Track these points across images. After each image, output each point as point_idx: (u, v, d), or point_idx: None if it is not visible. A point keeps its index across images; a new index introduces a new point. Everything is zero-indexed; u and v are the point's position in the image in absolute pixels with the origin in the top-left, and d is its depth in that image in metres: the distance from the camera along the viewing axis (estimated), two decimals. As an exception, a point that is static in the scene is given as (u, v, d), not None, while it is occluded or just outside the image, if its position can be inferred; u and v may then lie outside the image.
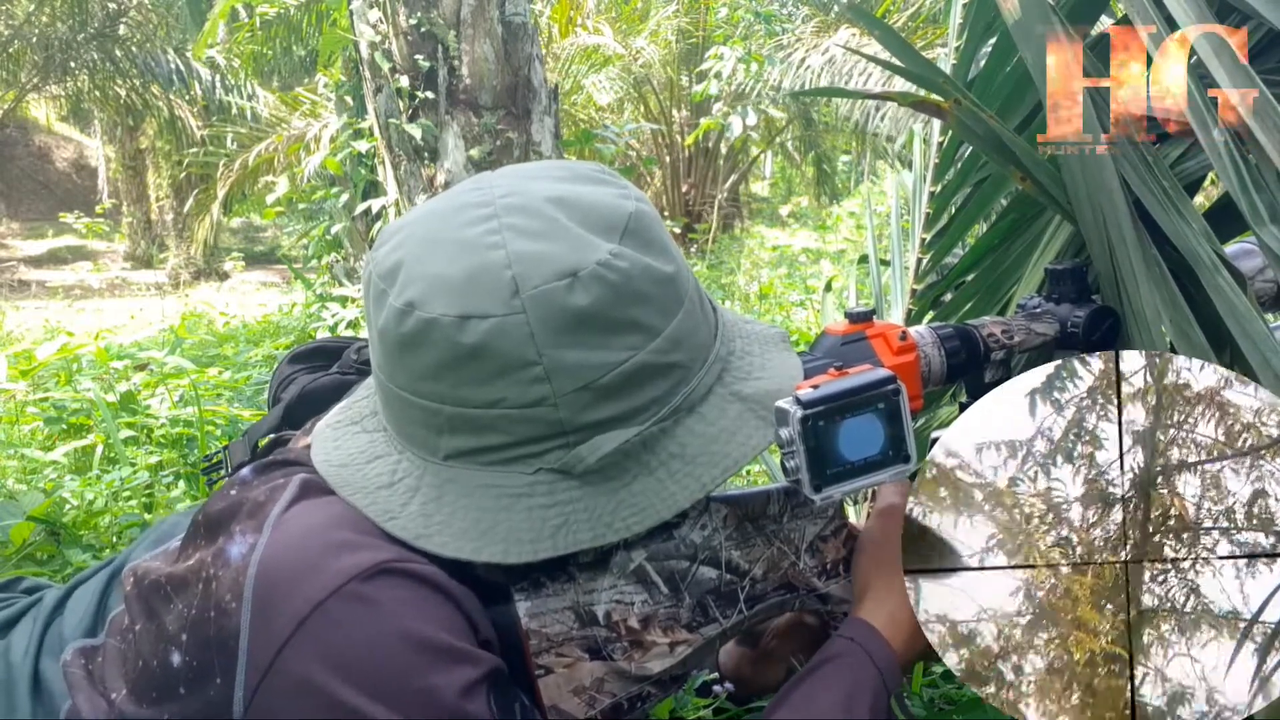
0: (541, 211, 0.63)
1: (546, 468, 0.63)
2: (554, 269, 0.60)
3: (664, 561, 0.71)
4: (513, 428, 0.62)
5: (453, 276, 0.61)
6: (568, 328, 0.60)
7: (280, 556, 0.62)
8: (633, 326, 0.62)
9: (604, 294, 0.61)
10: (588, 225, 0.63)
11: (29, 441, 2.44)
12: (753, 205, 14.29)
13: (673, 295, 0.65)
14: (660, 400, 0.64)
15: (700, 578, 0.71)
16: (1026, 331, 0.79)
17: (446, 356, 0.61)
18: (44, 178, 14.73)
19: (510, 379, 0.60)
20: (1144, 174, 0.85)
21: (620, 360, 0.61)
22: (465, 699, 0.60)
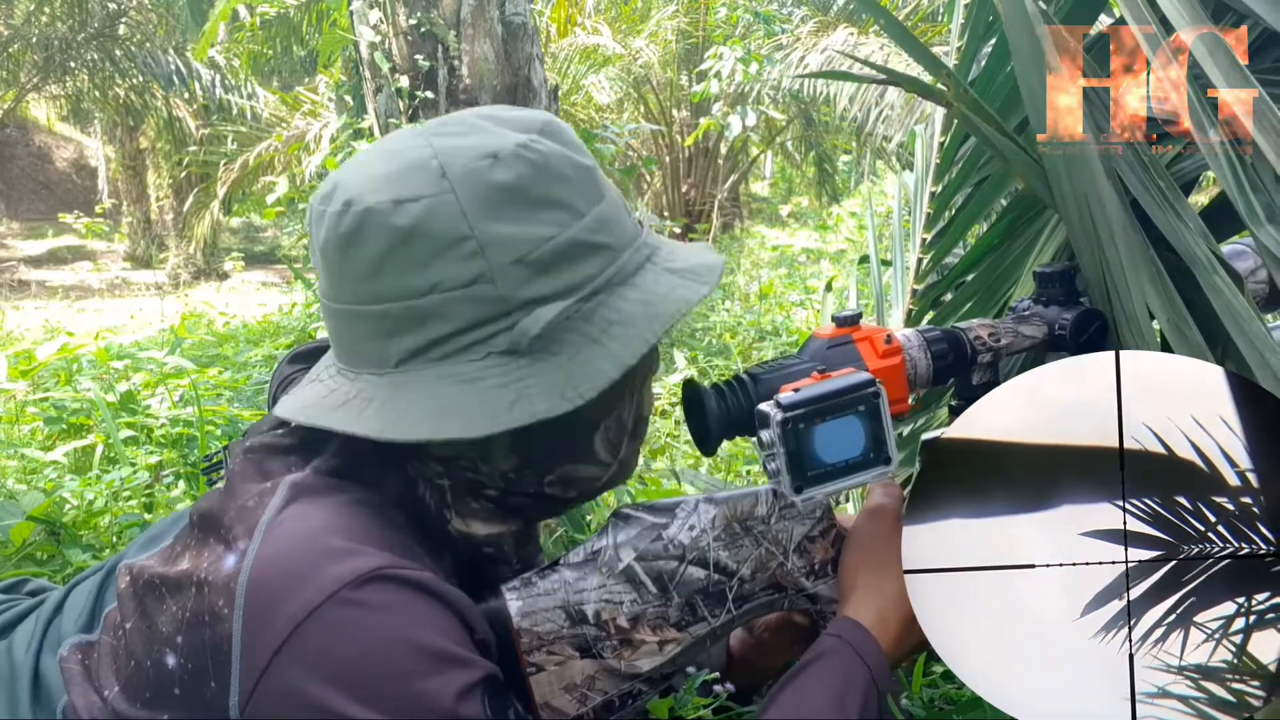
0: (464, 119, 0.70)
1: (495, 351, 0.65)
2: (476, 152, 0.65)
3: (652, 562, 0.72)
4: (455, 311, 0.64)
5: (385, 172, 0.66)
6: (495, 202, 0.64)
7: (273, 563, 0.63)
8: (557, 204, 0.66)
9: (526, 171, 0.65)
10: (503, 124, 0.68)
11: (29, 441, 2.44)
12: (753, 205, 14.29)
13: (593, 184, 0.69)
14: (594, 277, 0.67)
15: (688, 578, 0.72)
16: (1014, 334, 0.79)
17: (384, 244, 0.64)
18: (44, 178, 14.73)
19: (446, 258, 0.63)
20: (1141, 174, 0.85)
21: (549, 235, 0.65)
22: (460, 703, 0.60)
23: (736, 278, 6.08)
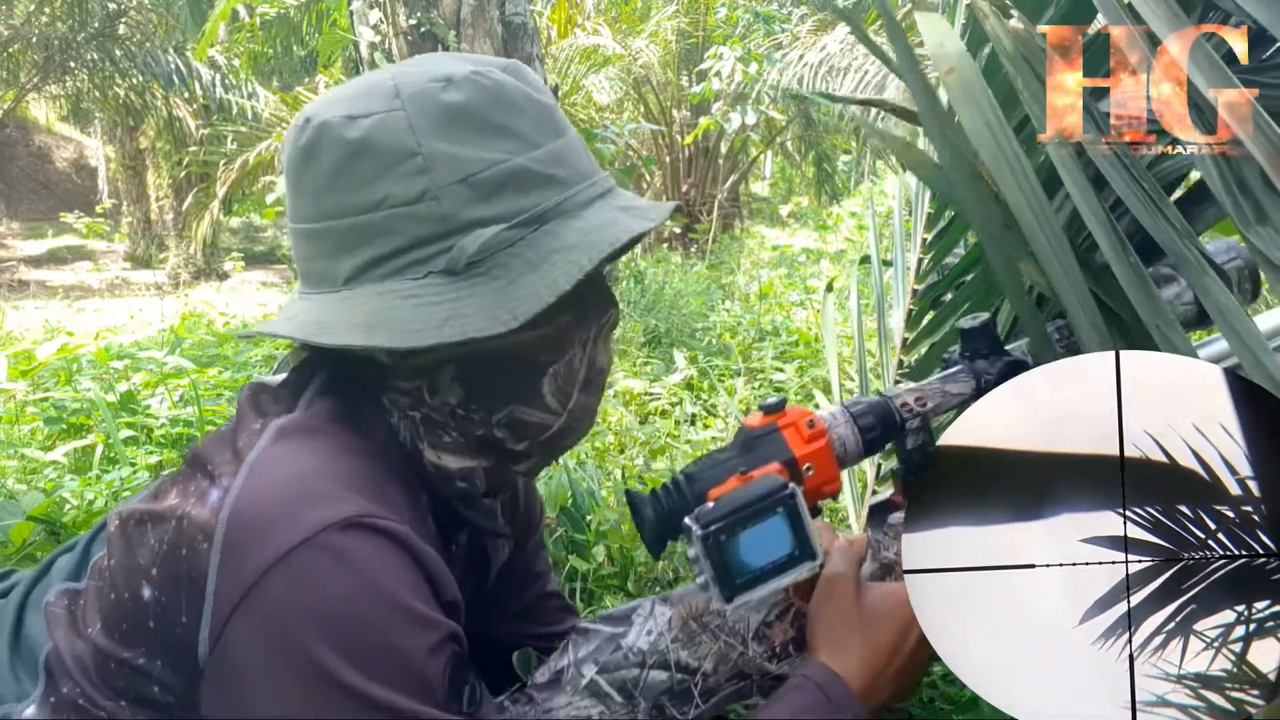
0: (435, 56, 0.73)
1: (435, 271, 0.65)
2: (431, 75, 0.67)
3: (614, 673, 0.74)
4: (400, 227, 0.65)
5: (345, 94, 0.69)
6: (444, 121, 0.65)
7: (253, 501, 0.63)
8: (508, 131, 0.67)
9: (478, 95, 0.66)
10: (469, 60, 0.70)
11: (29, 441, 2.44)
12: (753, 205, 14.29)
13: (550, 121, 0.70)
14: (540, 206, 0.67)
15: (652, 681, 0.74)
16: (941, 395, 0.80)
17: (336, 157, 0.66)
18: (44, 178, 14.73)
19: (393, 173, 0.65)
20: (1124, 176, 0.85)
21: (497, 159, 0.66)
22: (428, 661, 0.61)
23: (736, 278, 6.08)
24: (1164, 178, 0.90)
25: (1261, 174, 0.77)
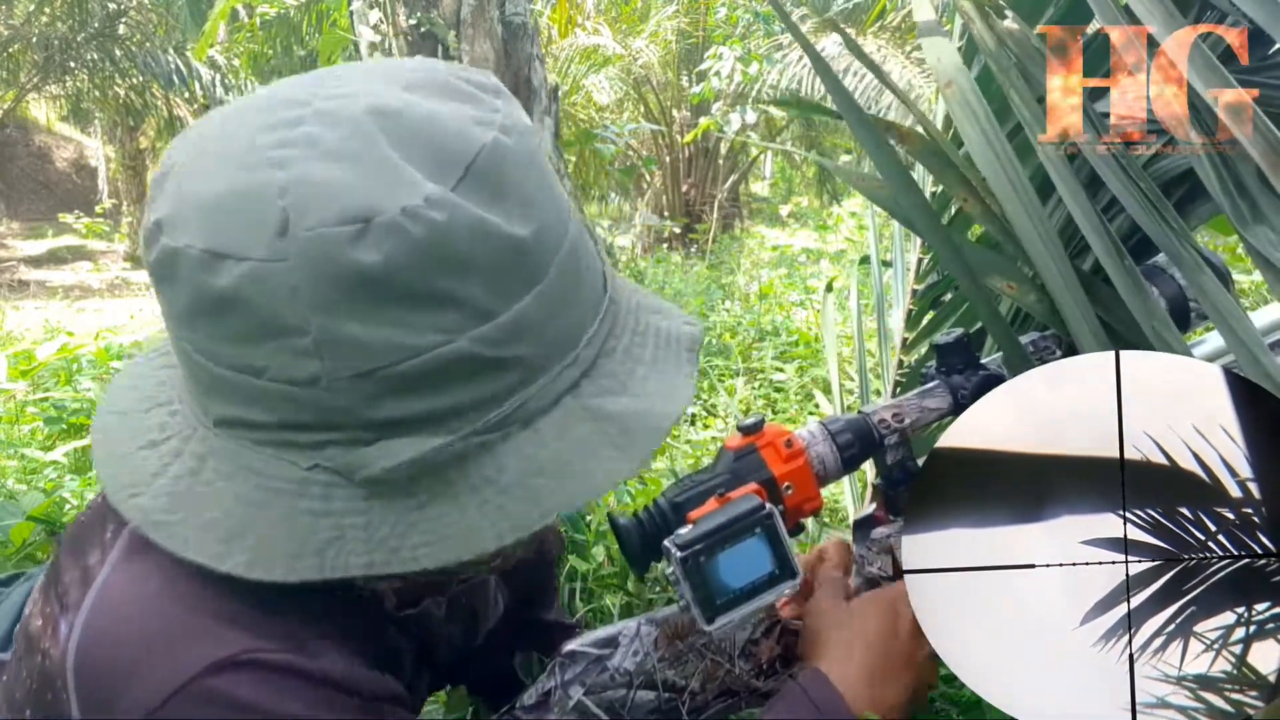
0: (358, 125, 0.47)
1: (325, 465, 0.49)
2: (341, 208, 0.45)
3: (601, 694, 0.74)
4: (279, 406, 0.48)
5: (212, 196, 0.47)
6: (347, 291, 0.45)
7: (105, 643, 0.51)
8: (446, 302, 0.47)
9: (403, 252, 0.45)
10: (413, 154, 0.46)
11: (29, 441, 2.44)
12: (753, 205, 14.30)
13: (521, 268, 0.49)
14: (486, 403, 0.49)
15: (639, 701, 0.74)
16: (919, 410, 0.80)
17: (196, 300, 0.47)
18: (44, 178, 14.73)
19: (273, 345, 0.47)
20: (1121, 176, 0.85)
21: (424, 346, 0.46)
22: None
23: (736, 278, 6.08)
24: (1160, 178, 0.90)
25: (1259, 173, 0.77)
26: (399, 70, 0.51)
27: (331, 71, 0.53)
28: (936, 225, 0.91)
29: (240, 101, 0.53)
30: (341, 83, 0.50)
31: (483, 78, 0.53)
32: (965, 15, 0.95)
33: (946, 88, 0.92)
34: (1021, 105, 0.90)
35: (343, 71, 0.52)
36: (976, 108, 0.91)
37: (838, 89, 0.92)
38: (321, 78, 0.52)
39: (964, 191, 0.93)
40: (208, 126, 0.52)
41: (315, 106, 0.48)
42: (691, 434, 2.67)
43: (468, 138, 0.48)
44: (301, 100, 0.49)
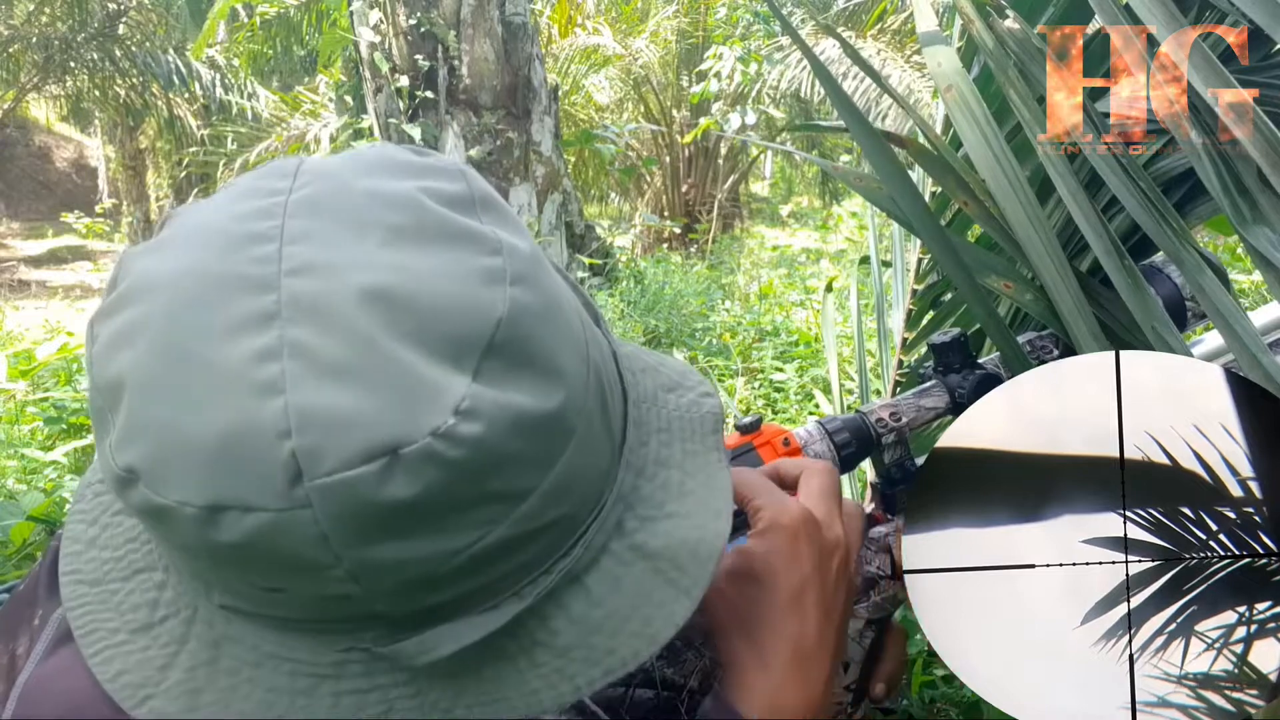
0: (352, 324, 0.39)
1: (359, 646, 0.44)
2: (360, 444, 0.38)
3: (600, 691, 0.74)
4: (306, 611, 0.43)
5: (198, 440, 0.39)
6: (381, 525, 0.40)
7: None
8: (490, 500, 0.42)
9: (441, 479, 0.39)
10: (424, 347, 0.39)
11: (29, 441, 2.44)
12: (753, 205, 14.30)
13: (557, 434, 0.44)
14: (528, 567, 0.45)
15: (638, 699, 0.74)
16: (916, 409, 0.80)
17: (196, 546, 0.41)
18: (44, 178, 14.74)
19: (296, 576, 0.41)
20: (1121, 175, 0.85)
21: (468, 544, 0.42)
22: None
23: (736, 278, 6.08)
24: (1160, 178, 0.90)
25: (1259, 173, 0.77)
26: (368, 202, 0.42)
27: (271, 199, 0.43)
28: (934, 226, 0.91)
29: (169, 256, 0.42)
30: (301, 236, 0.41)
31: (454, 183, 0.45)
32: (965, 15, 0.95)
33: (947, 92, 0.92)
34: (1021, 105, 0.90)
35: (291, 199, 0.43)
36: (976, 110, 0.91)
37: (837, 93, 0.92)
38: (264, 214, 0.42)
39: (963, 194, 0.93)
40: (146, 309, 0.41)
41: (286, 291, 0.39)
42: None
43: (482, 308, 0.41)
44: (263, 280, 0.40)
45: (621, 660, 0.47)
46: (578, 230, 5.93)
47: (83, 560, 0.50)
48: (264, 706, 0.44)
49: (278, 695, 0.44)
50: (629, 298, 4.84)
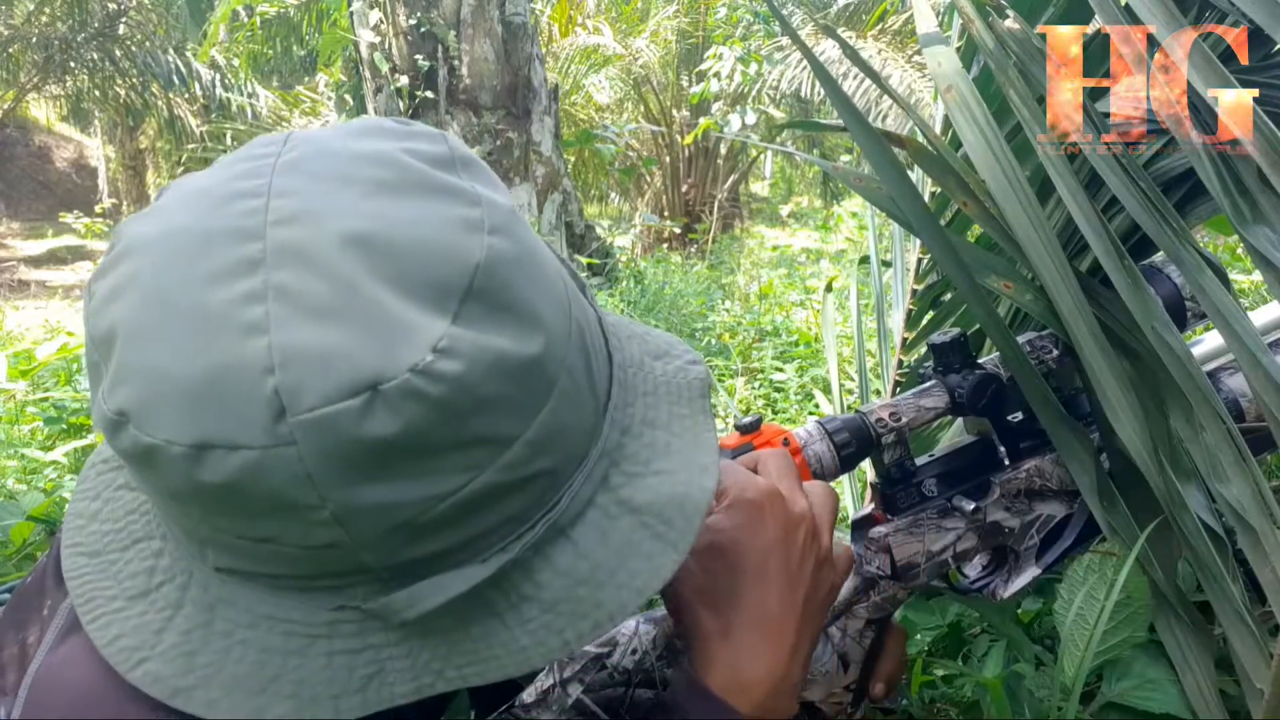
0: (334, 265, 0.40)
1: (350, 605, 0.45)
2: (341, 379, 0.38)
3: (600, 691, 0.73)
4: (296, 564, 0.44)
5: (184, 379, 0.39)
6: (365, 464, 0.40)
7: None
8: (472, 444, 0.42)
9: (421, 415, 0.40)
10: (405, 288, 0.40)
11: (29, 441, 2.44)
12: (753, 205, 14.31)
13: (538, 382, 0.44)
14: (514, 520, 0.45)
15: (638, 699, 0.74)
16: (916, 409, 0.80)
17: (184, 488, 0.41)
18: (44, 178, 14.74)
19: (283, 519, 0.41)
20: (1121, 175, 0.85)
21: (451, 490, 0.42)
22: None
23: (736, 278, 6.08)
24: (1160, 178, 0.90)
25: (1259, 173, 0.77)
26: (352, 160, 0.44)
27: (259, 161, 0.44)
28: (934, 226, 0.91)
29: (162, 217, 0.43)
30: (288, 191, 0.42)
31: (435, 145, 0.46)
32: (965, 16, 0.95)
33: (946, 92, 0.92)
34: (1021, 105, 0.90)
35: (279, 161, 0.44)
36: (976, 111, 0.91)
37: (837, 93, 0.92)
38: (252, 174, 0.43)
39: (963, 194, 0.93)
40: (138, 264, 0.42)
41: (272, 239, 0.40)
42: (691, 434, 2.67)
43: (460, 254, 0.42)
44: (249, 231, 0.41)
45: (609, 613, 0.47)
46: (578, 230, 5.93)
47: (84, 534, 0.51)
48: (257, 667, 0.45)
49: (270, 655, 0.45)
50: (629, 298, 4.84)
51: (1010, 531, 0.83)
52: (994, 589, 0.85)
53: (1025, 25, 0.94)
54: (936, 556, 0.80)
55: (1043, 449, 0.86)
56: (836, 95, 0.92)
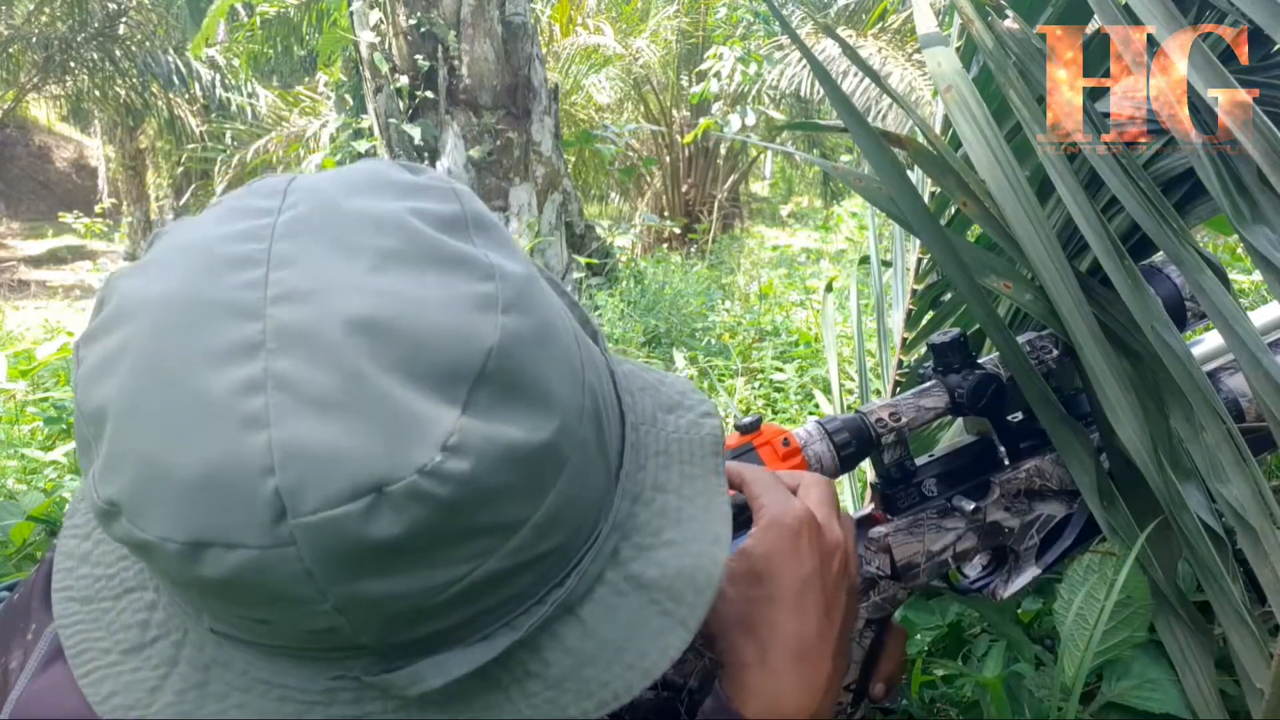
0: (339, 355, 0.38)
1: (350, 675, 0.43)
2: (345, 482, 0.37)
3: None
4: (294, 640, 0.43)
5: (180, 472, 0.38)
6: (367, 562, 0.39)
7: None
8: (478, 535, 0.41)
9: (427, 516, 0.38)
10: (413, 376, 0.38)
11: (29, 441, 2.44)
12: (753, 205, 14.31)
13: (549, 465, 0.42)
14: (520, 598, 0.44)
15: (638, 699, 0.74)
16: (916, 409, 0.80)
17: (181, 578, 0.41)
18: (44, 178, 14.74)
19: (283, 608, 0.40)
20: (1121, 175, 0.85)
21: (457, 578, 0.41)
22: None
23: (736, 278, 6.08)
24: (1160, 178, 0.90)
25: (1259, 173, 0.77)
26: (357, 224, 0.41)
27: (258, 220, 0.41)
28: (934, 226, 0.91)
29: (155, 276, 0.41)
30: (289, 260, 0.40)
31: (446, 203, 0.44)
32: (964, 16, 0.95)
33: (946, 92, 0.92)
34: (1021, 105, 0.90)
35: (279, 220, 0.41)
36: (975, 111, 0.91)
37: (836, 93, 0.92)
38: (251, 236, 0.41)
39: (962, 194, 0.93)
40: (130, 333, 0.40)
41: (272, 319, 0.38)
42: (691, 434, 2.67)
43: (473, 337, 0.39)
44: (248, 308, 0.38)
45: (614, 693, 0.46)
46: (578, 230, 5.93)
47: (74, 576, 0.49)
48: None
49: None
50: (629, 298, 4.84)
51: (1010, 531, 0.83)
52: (994, 589, 0.85)
53: (1025, 25, 0.94)
54: (936, 556, 0.79)
55: (1043, 449, 0.86)
56: (836, 96, 0.92)
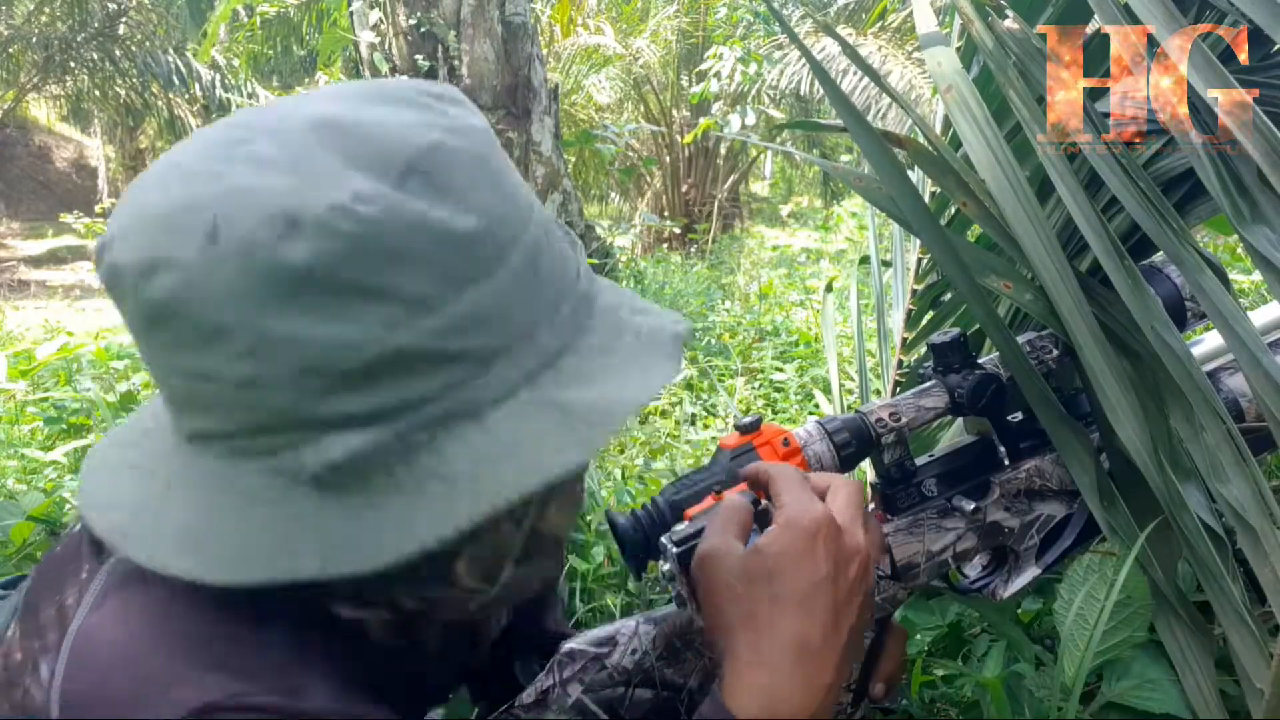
0: (295, 137, 0.47)
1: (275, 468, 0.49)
2: (267, 210, 0.45)
3: (600, 692, 0.73)
4: (231, 411, 0.48)
5: (153, 211, 0.47)
6: (278, 291, 0.45)
7: (83, 696, 0.50)
8: (385, 296, 0.46)
9: (332, 249, 0.44)
10: (350, 157, 0.46)
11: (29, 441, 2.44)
12: (753, 205, 14.31)
13: (470, 261, 0.48)
14: (432, 396, 0.48)
15: (638, 699, 0.74)
16: (915, 409, 0.80)
17: (140, 311, 0.48)
18: (44, 178, 14.73)
19: (213, 350, 0.46)
20: (1121, 175, 0.85)
21: (364, 341, 0.46)
22: None
23: (736, 278, 6.08)
24: (1160, 178, 0.90)
25: (1259, 173, 0.77)
26: (362, 86, 0.51)
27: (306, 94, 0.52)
28: (933, 226, 0.91)
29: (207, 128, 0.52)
30: (300, 102, 0.50)
31: (444, 90, 0.52)
32: (964, 16, 0.95)
33: (946, 92, 0.92)
34: (1021, 105, 0.90)
35: (315, 92, 0.52)
36: (975, 111, 0.91)
37: (836, 93, 0.92)
38: (291, 100, 0.52)
39: (963, 194, 0.93)
40: (171, 154, 0.51)
41: (264, 125, 0.48)
42: (691, 434, 2.67)
43: (408, 138, 0.48)
44: (255, 123, 0.49)
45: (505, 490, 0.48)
46: (578, 230, 5.93)
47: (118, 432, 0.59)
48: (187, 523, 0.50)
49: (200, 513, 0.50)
50: (629, 298, 4.83)
51: (1010, 531, 0.83)
52: (994, 589, 0.85)
53: (1025, 25, 0.94)
54: (936, 556, 0.79)
55: (1043, 449, 0.86)
56: (836, 95, 0.92)
